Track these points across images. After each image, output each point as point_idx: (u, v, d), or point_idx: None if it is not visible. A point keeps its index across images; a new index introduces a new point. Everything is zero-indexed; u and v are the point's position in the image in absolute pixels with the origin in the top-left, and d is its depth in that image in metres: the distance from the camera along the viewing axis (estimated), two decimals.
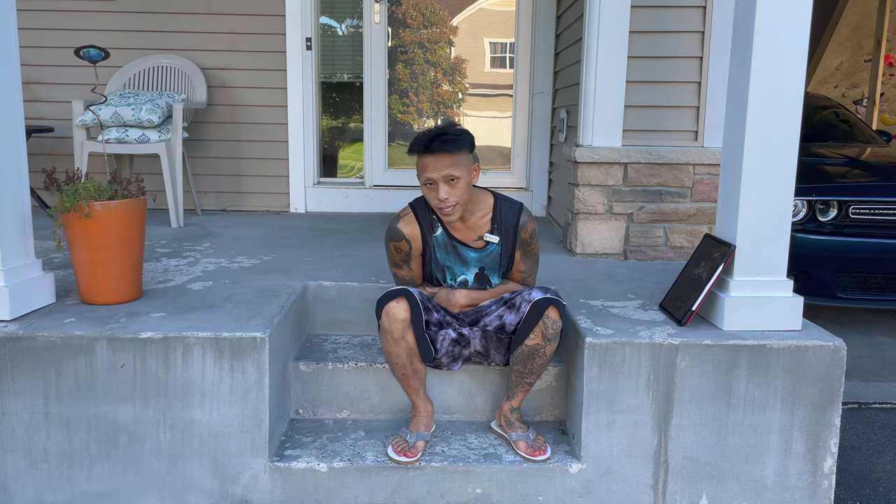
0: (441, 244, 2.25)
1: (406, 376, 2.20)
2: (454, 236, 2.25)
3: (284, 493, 2.14)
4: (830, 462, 2.19)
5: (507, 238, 2.26)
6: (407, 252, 2.25)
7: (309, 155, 4.52)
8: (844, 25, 9.34)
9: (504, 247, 2.27)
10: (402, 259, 2.27)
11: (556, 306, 2.11)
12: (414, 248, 2.25)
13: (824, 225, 3.78)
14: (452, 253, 2.26)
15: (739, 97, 2.20)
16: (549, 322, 2.10)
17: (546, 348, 2.14)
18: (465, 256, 2.26)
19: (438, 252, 2.26)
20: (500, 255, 2.27)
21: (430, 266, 2.28)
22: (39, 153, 4.38)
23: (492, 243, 2.26)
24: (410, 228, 2.24)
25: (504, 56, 4.68)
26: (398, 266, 2.29)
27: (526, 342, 2.14)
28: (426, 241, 2.25)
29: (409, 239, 2.23)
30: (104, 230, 2.19)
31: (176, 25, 4.33)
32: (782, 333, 2.19)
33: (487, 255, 2.27)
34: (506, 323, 2.22)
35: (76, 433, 2.09)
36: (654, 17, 3.14)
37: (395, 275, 2.33)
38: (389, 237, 2.25)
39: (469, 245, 2.26)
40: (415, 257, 2.27)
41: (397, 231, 2.23)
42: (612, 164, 3.18)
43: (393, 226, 2.24)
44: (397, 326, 2.09)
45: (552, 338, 2.13)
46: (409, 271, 2.29)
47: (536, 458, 2.16)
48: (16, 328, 2.07)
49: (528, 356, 2.16)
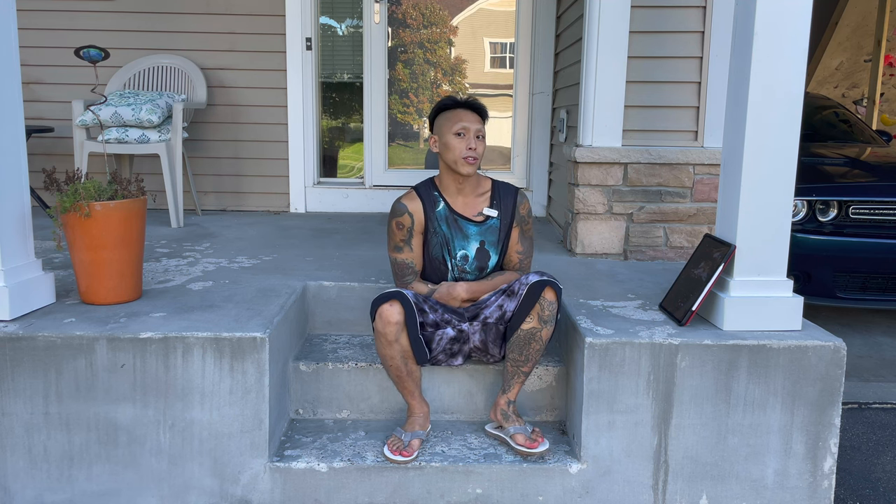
0: (443, 217, 2.31)
1: (400, 378, 2.20)
2: (455, 210, 2.31)
3: (284, 493, 2.14)
4: (830, 462, 2.19)
5: (506, 213, 2.35)
6: (409, 228, 2.29)
7: (309, 155, 4.52)
8: (844, 25, 9.34)
9: (503, 221, 2.34)
10: (404, 238, 2.29)
11: (552, 287, 2.13)
12: (416, 223, 2.30)
13: (824, 225, 3.78)
14: (454, 226, 2.31)
15: (739, 97, 2.20)
16: (546, 303, 2.12)
17: (542, 332, 2.15)
18: (465, 230, 2.31)
19: (441, 224, 2.30)
20: (500, 228, 2.33)
21: (432, 242, 2.30)
22: (39, 153, 4.38)
23: (491, 217, 2.33)
24: (413, 204, 2.30)
25: (504, 56, 4.68)
26: (398, 249, 2.30)
27: (522, 326, 2.15)
28: (428, 216, 2.31)
29: (411, 212, 2.29)
30: (104, 230, 2.20)
31: (176, 25, 4.34)
32: (782, 333, 2.19)
33: (487, 228, 2.32)
34: (506, 311, 2.24)
35: (76, 433, 2.09)
36: (654, 17, 3.14)
37: (395, 260, 2.31)
38: (392, 214, 2.31)
39: (470, 219, 2.32)
40: (416, 234, 2.30)
41: (400, 206, 2.30)
42: (612, 164, 3.18)
43: (395, 203, 2.31)
44: (391, 329, 2.10)
45: (548, 319, 2.14)
46: (410, 252, 2.30)
47: (536, 449, 2.15)
48: (16, 328, 2.07)
49: (524, 341, 2.16)
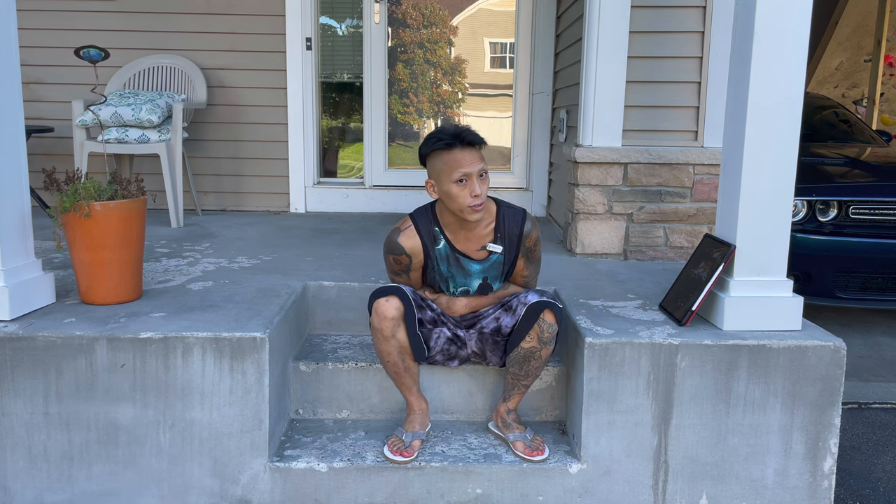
0: (444, 256, 2.19)
1: (398, 374, 2.19)
2: (457, 248, 2.19)
3: (284, 493, 2.14)
4: (830, 462, 2.19)
5: (511, 247, 2.21)
6: (407, 265, 2.21)
7: (309, 155, 4.52)
8: (844, 25, 9.34)
9: (507, 255, 2.22)
10: (402, 269, 2.23)
11: (551, 309, 2.08)
12: (414, 262, 2.20)
13: (824, 225, 3.78)
14: (455, 265, 2.20)
15: (739, 97, 2.20)
16: (545, 325, 2.09)
17: (542, 351, 2.13)
18: (467, 269, 2.21)
19: (441, 264, 2.20)
20: (503, 263, 2.23)
21: (431, 276, 2.24)
22: (39, 153, 4.38)
23: (495, 252, 2.20)
24: (411, 243, 2.17)
25: (504, 56, 4.68)
26: (397, 274, 2.25)
27: (521, 345, 2.13)
28: (428, 254, 2.19)
29: (409, 253, 2.18)
30: (104, 230, 2.19)
31: (176, 25, 4.33)
32: (782, 333, 2.19)
33: (490, 265, 2.22)
34: (502, 325, 2.20)
35: (76, 433, 2.09)
36: (654, 17, 3.14)
37: (394, 281, 2.28)
38: (389, 250, 2.19)
39: (471, 257, 2.20)
40: (415, 269, 2.23)
41: (397, 245, 2.17)
42: (612, 164, 3.18)
43: (393, 238, 2.17)
44: (387, 324, 2.07)
45: (548, 341, 2.11)
46: (408, 280, 2.25)
47: (534, 459, 2.15)
48: (16, 328, 2.07)
49: (523, 359, 2.15)
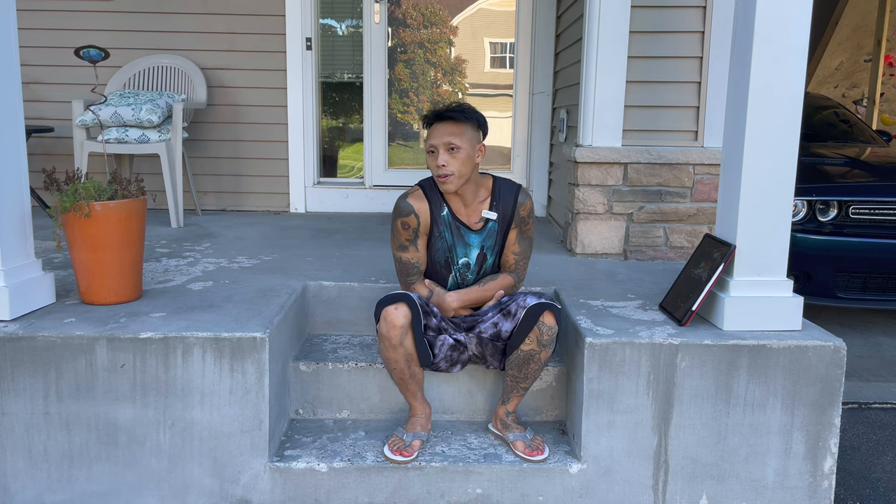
0: (447, 223, 2.23)
1: (404, 381, 2.18)
2: (458, 217, 2.24)
3: (284, 493, 2.14)
4: (830, 462, 2.19)
5: (505, 214, 2.25)
6: (415, 228, 2.21)
7: (309, 155, 4.52)
8: (844, 25, 9.34)
9: (501, 223, 2.25)
10: (409, 238, 2.22)
11: (551, 311, 2.08)
12: (422, 224, 2.22)
13: (824, 225, 3.78)
14: (456, 234, 2.24)
15: (739, 97, 2.20)
16: (545, 328, 2.09)
17: (541, 354, 2.12)
18: (467, 239, 2.25)
19: (445, 231, 2.23)
20: (497, 232, 2.26)
21: (435, 246, 2.24)
22: (39, 153, 4.38)
23: (490, 220, 2.25)
24: (419, 203, 2.21)
25: (504, 56, 4.68)
26: (404, 248, 2.23)
27: (521, 347, 2.12)
28: (434, 219, 2.22)
29: (417, 213, 2.20)
30: (104, 230, 2.19)
31: (176, 25, 4.34)
32: (782, 333, 2.19)
33: (487, 233, 2.25)
34: (501, 330, 2.19)
35: (76, 433, 2.09)
36: (654, 17, 3.14)
37: (400, 259, 2.25)
38: (397, 213, 2.21)
39: (470, 227, 2.25)
40: (422, 234, 2.23)
41: (406, 205, 2.19)
42: (612, 164, 3.18)
43: (401, 201, 2.20)
44: (395, 332, 2.06)
45: (547, 343, 2.11)
46: (416, 252, 2.24)
47: (534, 459, 2.15)
48: (16, 328, 2.07)
49: (523, 361, 2.15)
